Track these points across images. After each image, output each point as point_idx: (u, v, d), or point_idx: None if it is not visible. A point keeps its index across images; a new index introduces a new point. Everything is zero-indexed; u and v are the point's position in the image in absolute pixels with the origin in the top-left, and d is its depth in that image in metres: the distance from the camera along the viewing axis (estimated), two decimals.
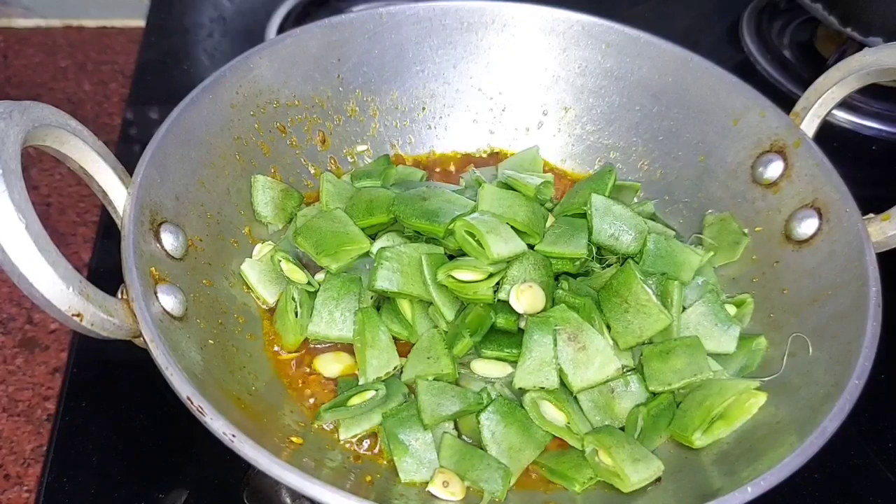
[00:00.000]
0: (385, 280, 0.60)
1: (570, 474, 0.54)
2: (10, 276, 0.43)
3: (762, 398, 0.55)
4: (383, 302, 0.63)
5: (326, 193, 0.67)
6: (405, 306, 0.61)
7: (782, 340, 0.60)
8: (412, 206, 0.63)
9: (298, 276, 0.63)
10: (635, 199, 0.74)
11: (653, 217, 0.71)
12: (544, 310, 0.59)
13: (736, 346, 0.60)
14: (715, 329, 0.61)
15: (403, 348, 0.61)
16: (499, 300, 0.60)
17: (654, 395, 0.58)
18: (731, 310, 0.63)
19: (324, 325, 0.61)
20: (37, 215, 0.43)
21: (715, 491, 0.47)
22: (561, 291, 0.61)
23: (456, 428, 0.58)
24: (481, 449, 0.55)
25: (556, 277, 0.63)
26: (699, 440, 0.55)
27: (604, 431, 0.55)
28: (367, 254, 0.63)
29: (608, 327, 0.59)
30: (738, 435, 0.55)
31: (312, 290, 0.63)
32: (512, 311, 0.59)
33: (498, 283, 0.60)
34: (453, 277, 0.59)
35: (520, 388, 0.57)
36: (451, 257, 0.62)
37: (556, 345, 0.57)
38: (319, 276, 0.64)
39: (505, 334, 0.60)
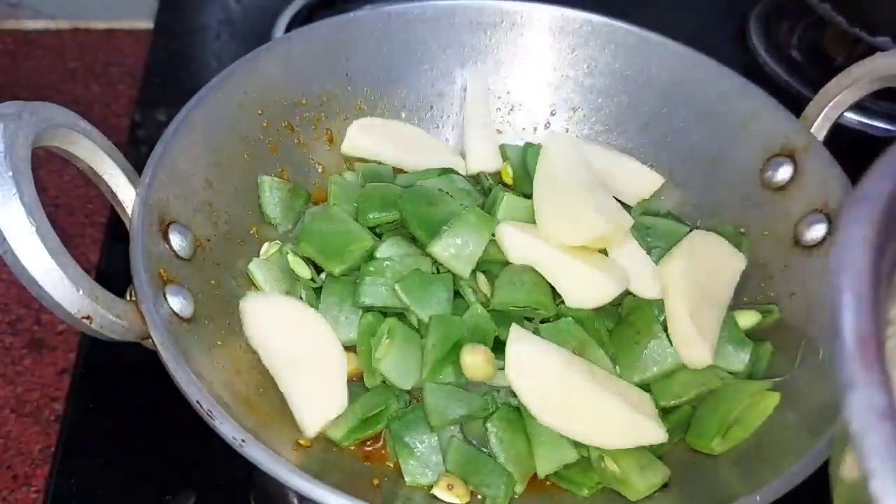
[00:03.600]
0: (369, 296, 0.59)
1: (578, 479, 0.54)
2: (20, 278, 0.43)
3: (776, 398, 0.55)
4: None
5: (333, 196, 0.67)
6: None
7: (790, 346, 0.59)
8: (416, 207, 0.63)
9: (303, 270, 0.63)
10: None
11: (667, 216, 0.71)
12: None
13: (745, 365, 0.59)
14: (728, 347, 0.59)
15: None
16: (497, 311, 0.60)
17: (665, 410, 0.58)
18: (756, 317, 0.62)
19: None
20: (46, 217, 0.43)
21: (723, 497, 0.47)
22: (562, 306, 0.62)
23: (462, 431, 0.58)
24: (488, 454, 0.55)
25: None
26: (718, 446, 0.54)
27: None
28: (372, 252, 0.63)
29: (613, 361, 0.59)
30: (747, 441, 0.55)
31: (315, 286, 0.63)
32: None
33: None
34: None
35: None
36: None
37: None
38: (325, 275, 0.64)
39: None
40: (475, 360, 0.56)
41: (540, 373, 0.54)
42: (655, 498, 0.52)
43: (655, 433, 0.54)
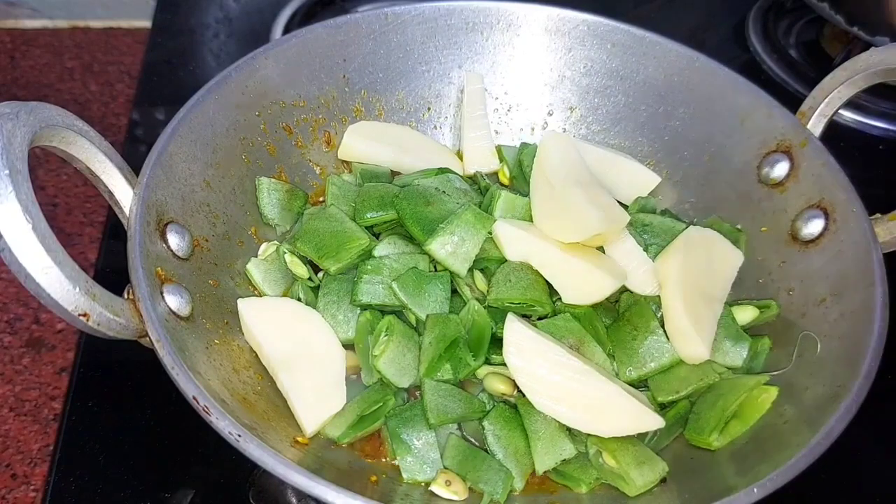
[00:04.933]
0: (367, 294, 0.60)
1: (577, 475, 0.54)
2: (17, 276, 0.43)
3: (774, 392, 0.55)
4: None
5: (332, 197, 0.67)
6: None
7: (789, 341, 0.59)
8: (413, 206, 0.63)
9: (300, 269, 0.63)
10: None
11: (664, 213, 0.71)
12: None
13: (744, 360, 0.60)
14: (725, 343, 0.60)
15: None
16: (494, 308, 0.60)
17: (663, 405, 0.58)
18: (754, 312, 0.62)
19: None
20: (43, 216, 0.43)
21: (721, 491, 0.47)
22: (560, 304, 0.62)
23: (460, 429, 0.58)
24: (486, 452, 0.55)
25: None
26: (716, 441, 0.54)
27: None
28: (369, 251, 0.63)
29: (612, 356, 0.59)
30: (745, 435, 0.55)
31: (313, 285, 0.63)
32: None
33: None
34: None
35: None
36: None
37: None
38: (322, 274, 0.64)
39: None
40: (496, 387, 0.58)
41: (537, 355, 0.55)
42: (654, 493, 0.52)
43: (653, 420, 0.54)
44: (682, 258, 0.61)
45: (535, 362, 0.54)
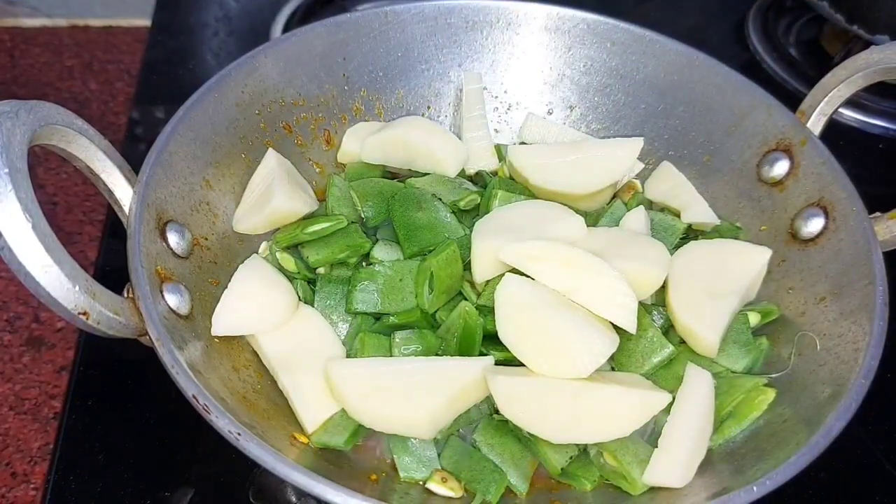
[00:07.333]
0: (362, 302, 0.60)
1: (580, 474, 0.54)
2: (17, 274, 0.43)
3: (771, 395, 0.55)
4: None
5: (333, 198, 0.67)
6: None
7: (788, 339, 0.59)
8: (405, 209, 0.64)
9: (290, 264, 0.63)
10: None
11: (663, 210, 0.71)
12: None
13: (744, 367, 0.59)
14: (733, 347, 0.59)
15: None
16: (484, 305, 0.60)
17: None
18: (757, 318, 0.61)
19: None
20: (43, 214, 0.43)
21: (721, 490, 0.47)
22: None
23: (460, 430, 0.58)
24: (484, 454, 0.55)
25: None
26: (711, 439, 0.54)
27: None
28: (367, 254, 0.64)
29: (610, 358, 0.59)
30: (745, 434, 0.55)
31: (311, 276, 0.63)
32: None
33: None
34: None
35: None
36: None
37: None
38: (320, 271, 0.64)
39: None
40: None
41: (531, 400, 0.53)
42: (655, 491, 0.52)
43: (659, 398, 0.53)
44: (686, 258, 0.61)
45: (531, 406, 0.53)
